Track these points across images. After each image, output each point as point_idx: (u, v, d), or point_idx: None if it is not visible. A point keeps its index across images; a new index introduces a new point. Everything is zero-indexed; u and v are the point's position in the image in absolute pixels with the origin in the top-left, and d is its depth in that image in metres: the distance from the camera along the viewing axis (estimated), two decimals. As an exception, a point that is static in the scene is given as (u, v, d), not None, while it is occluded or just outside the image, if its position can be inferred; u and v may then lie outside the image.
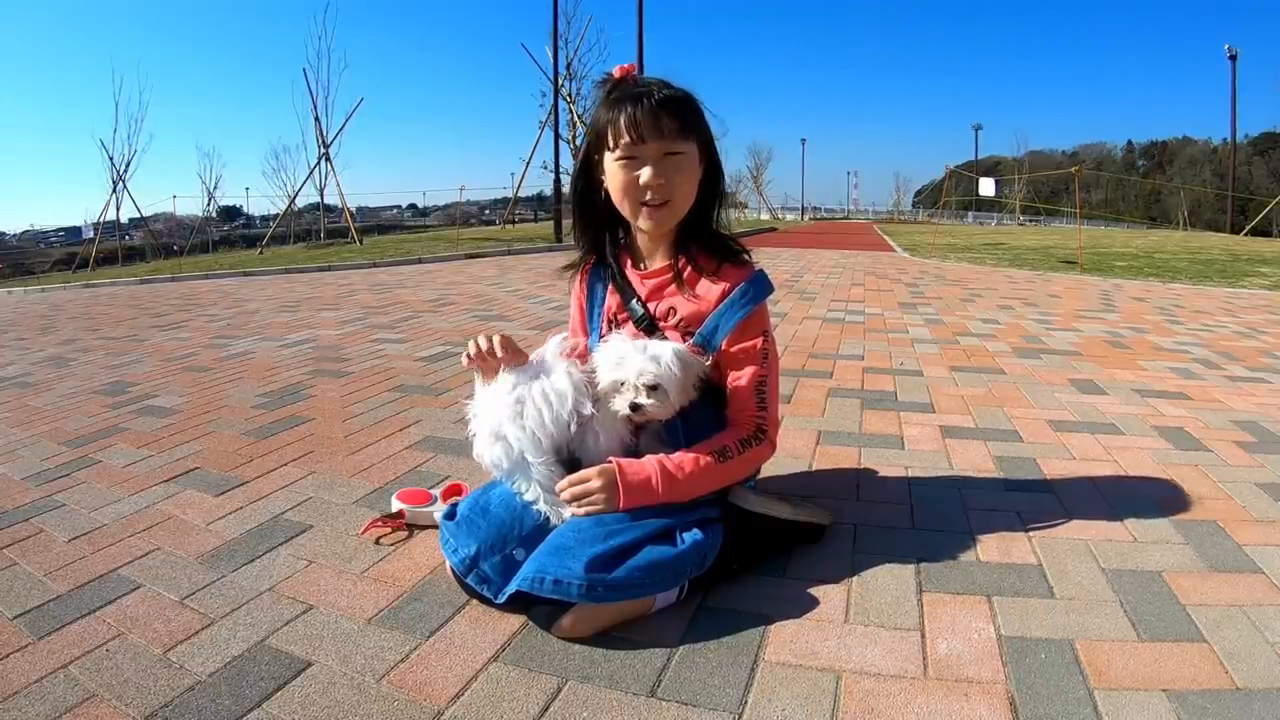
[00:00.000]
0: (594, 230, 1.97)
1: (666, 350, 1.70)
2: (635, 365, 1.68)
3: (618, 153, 1.75)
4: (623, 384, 1.70)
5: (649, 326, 1.86)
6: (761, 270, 1.87)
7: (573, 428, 1.72)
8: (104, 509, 2.27)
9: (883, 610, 1.64)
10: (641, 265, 1.94)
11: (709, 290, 1.83)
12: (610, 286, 1.96)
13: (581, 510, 1.65)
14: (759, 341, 1.82)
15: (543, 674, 1.44)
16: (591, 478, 1.66)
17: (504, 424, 1.68)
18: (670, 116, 1.72)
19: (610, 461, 1.69)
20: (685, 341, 1.81)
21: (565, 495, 1.67)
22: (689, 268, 1.85)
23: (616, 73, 1.80)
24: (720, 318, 1.80)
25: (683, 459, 1.70)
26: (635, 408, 1.69)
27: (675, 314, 1.85)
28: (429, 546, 1.94)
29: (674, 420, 1.77)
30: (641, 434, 1.79)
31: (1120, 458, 2.57)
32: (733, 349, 1.81)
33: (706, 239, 1.87)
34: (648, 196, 1.77)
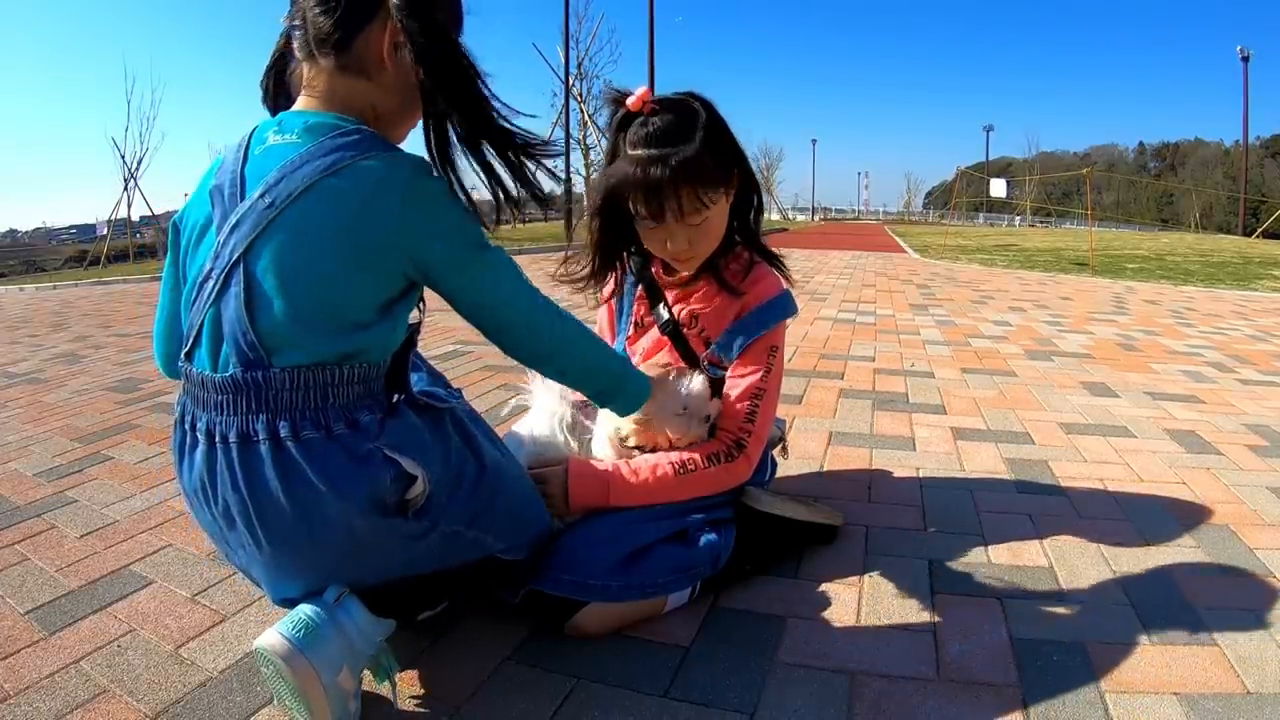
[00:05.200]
0: (615, 251, 1.89)
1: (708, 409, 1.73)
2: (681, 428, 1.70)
3: (638, 214, 1.70)
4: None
5: (674, 332, 1.86)
6: (788, 291, 1.85)
7: (574, 445, 1.77)
8: (115, 505, 2.28)
9: (895, 611, 1.64)
10: (670, 271, 1.90)
11: (731, 302, 1.82)
12: (639, 291, 1.94)
13: None
14: (765, 357, 1.79)
15: (556, 673, 1.44)
16: (547, 478, 1.66)
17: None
18: (689, 189, 1.63)
19: (568, 460, 1.71)
20: (705, 349, 1.82)
21: None
22: (714, 279, 1.83)
23: (632, 103, 1.66)
24: (736, 333, 1.80)
25: (639, 466, 1.68)
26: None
27: (697, 322, 1.85)
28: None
29: None
30: None
31: (1132, 461, 2.56)
32: (738, 358, 1.80)
33: (737, 249, 1.85)
34: (671, 257, 1.78)
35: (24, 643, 1.57)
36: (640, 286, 1.93)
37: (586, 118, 27.40)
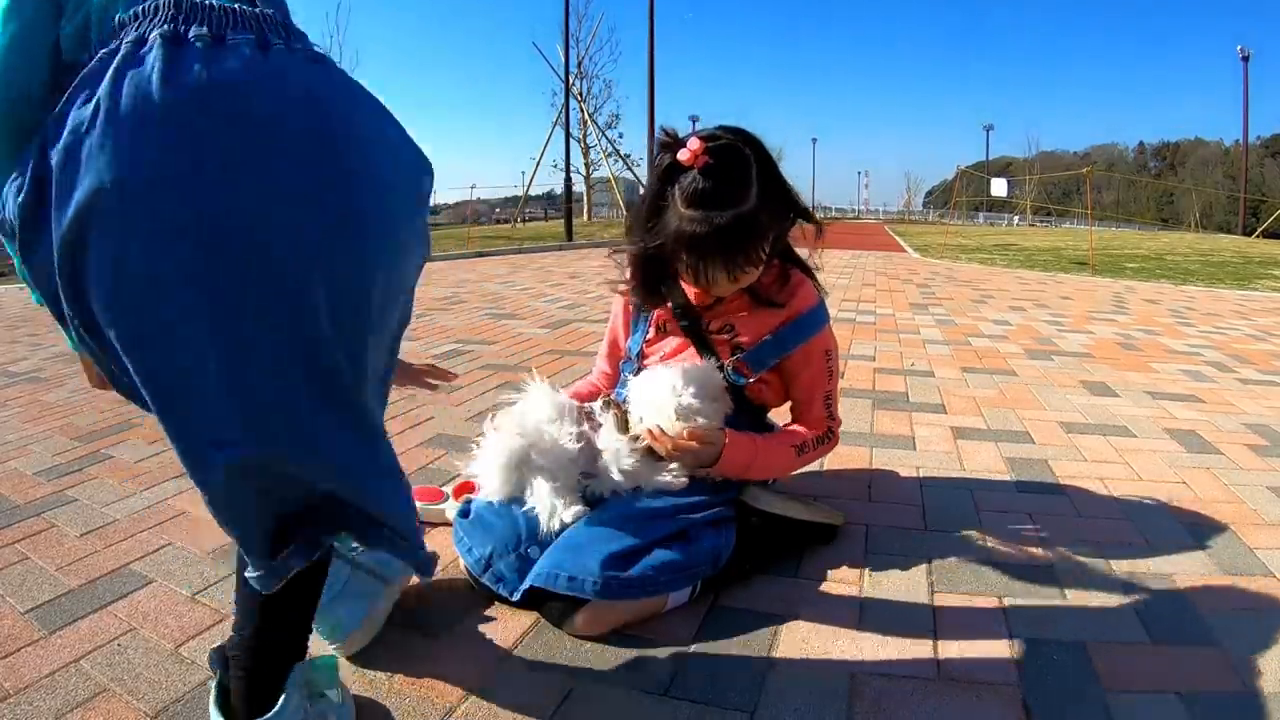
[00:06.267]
0: (657, 293, 1.89)
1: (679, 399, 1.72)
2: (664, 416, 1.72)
3: (687, 267, 1.71)
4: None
5: (697, 335, 1.87)
6: (821, 302, 1.90)
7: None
8: (116, 504, 2.27)
9: (895, 611, 1.64)
10: None
11: (767, 314, 1.85)
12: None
13: (677, 461, 1.71)
14: (824, 362, 1.89)
15: (555, 672, 1.44)
16: (712, 435, 1.71)
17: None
18: (734, 256, 1.64)
19: (724, 430, 1.75)
20: (731, 356, 1.84)
21: (673, 445, 1.69)
22: (747, 293, 1.85)
23: (685, 158, 1.61)
24: (777, 343, 1.84)
25: (771, 446, 1.82)
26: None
27: (732, 330, 1.87)
28: (440, 544, 1.94)
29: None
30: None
31: (1132, 460, 2.56)
32: (800, 372, 1.89)
33: (772, 260, 1.85)
34: (713, 293, 1.82)
35: (24, 641, 1.57)
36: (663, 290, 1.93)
37: (586, 117, 27.41)
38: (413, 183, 1.03)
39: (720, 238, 1.60)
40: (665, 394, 1.71)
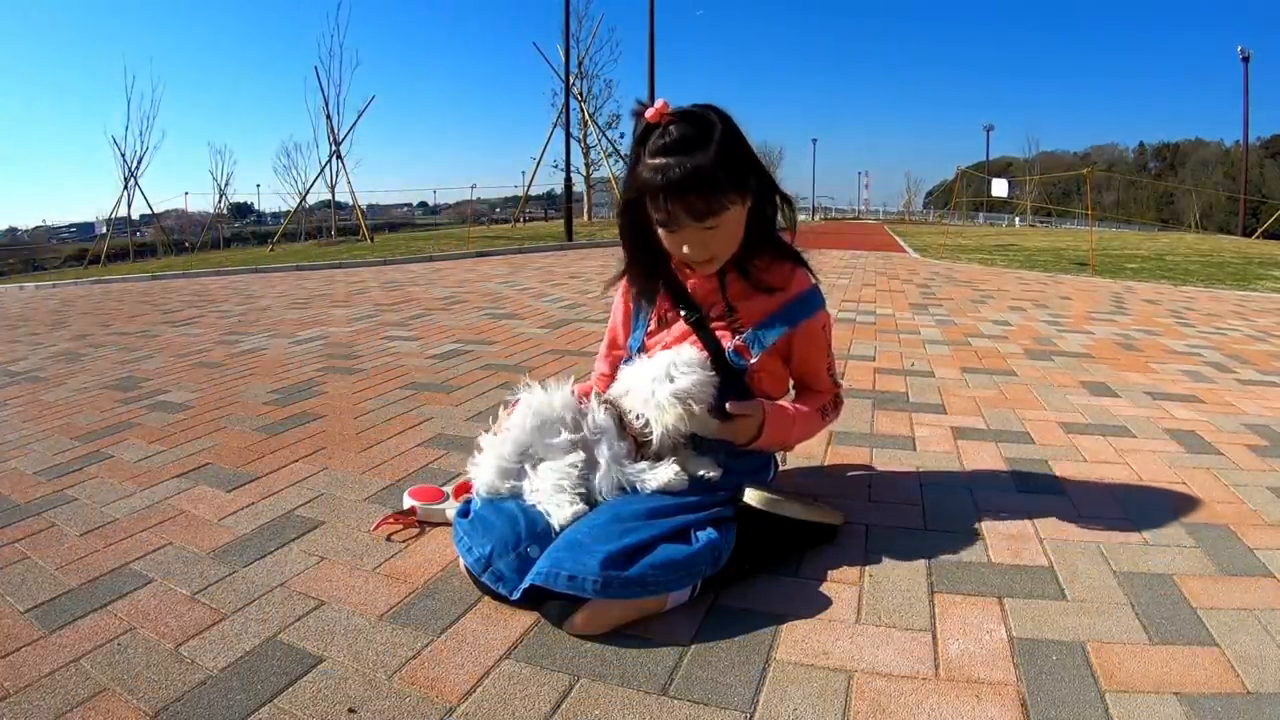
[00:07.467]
0: (649, 264, 1.94)
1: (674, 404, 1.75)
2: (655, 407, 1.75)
3: (656, 219, 1.77)
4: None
5: (699, 324, 1.91)
6: (815, 285, 1.96)
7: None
8: (116, 504, 2.27)
9: (894, 610, 1.64)
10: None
11: (764, 299, 1.90)
12: (661, 286, 1.98)
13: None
14: (823, 335, 2.00)
15: (555, 671, 1.44)
16: (752, 408, 1.83)
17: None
18: (698, 197, 1.70)
19: (761, 402, 1.87)
20: (733, 340, 1.88)
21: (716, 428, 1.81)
22: (741, 277, 1.90)
23: (650, 115, 1.74)
24: (771, 326, 1.89)
25: (802, 413, 1.95)
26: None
27: (734, 314, 1.91)
28: (440, 543, 1.95)
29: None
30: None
31: (1132, 460, 2.56)
32: (802, 349, 1.98)
33: (761, 247, 1.90)
34: (689, 260, 1.83)
35: (24, 641, 1.57)
36: (662, 283, 1.97)
37: (586, 117, 27.41)
38: None
39: (679, 182, 1.68)
40: (654, 382, 1.75)
